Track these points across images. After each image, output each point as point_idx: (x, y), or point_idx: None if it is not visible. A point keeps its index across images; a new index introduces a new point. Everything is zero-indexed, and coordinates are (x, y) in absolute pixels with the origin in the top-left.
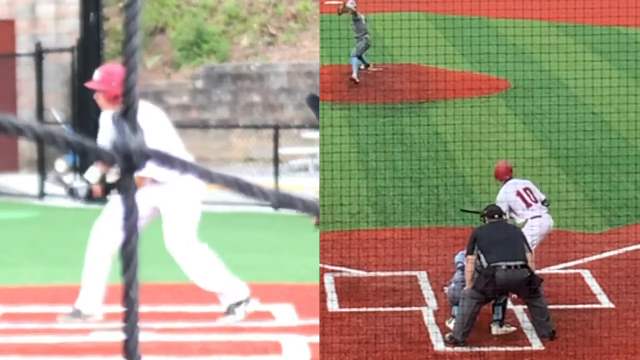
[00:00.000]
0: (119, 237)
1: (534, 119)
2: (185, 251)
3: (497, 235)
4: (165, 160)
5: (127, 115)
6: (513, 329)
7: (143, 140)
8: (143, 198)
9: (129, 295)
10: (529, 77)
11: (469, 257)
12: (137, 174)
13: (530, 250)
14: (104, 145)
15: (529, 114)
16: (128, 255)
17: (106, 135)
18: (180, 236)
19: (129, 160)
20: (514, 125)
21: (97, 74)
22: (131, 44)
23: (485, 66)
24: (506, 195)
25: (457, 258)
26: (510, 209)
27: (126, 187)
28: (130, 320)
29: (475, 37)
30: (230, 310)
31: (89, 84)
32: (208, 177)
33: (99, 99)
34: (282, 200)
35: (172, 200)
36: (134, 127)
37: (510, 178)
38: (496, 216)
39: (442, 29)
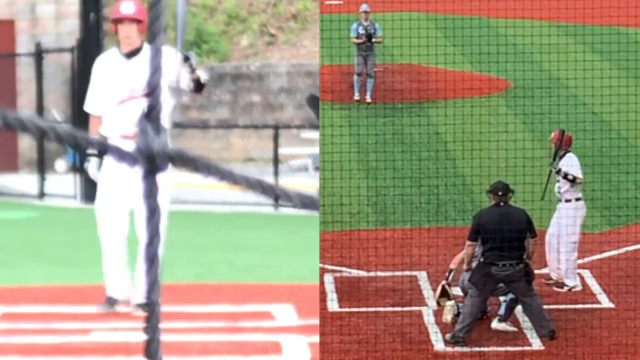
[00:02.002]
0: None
1: (534, 119)
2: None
3: (500, 225)
4: (189, 161)
5: (151, 115)
6: (514, 329)
7: (166, 142)
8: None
9: (150, 297)
10: (529, 77)
11: (470, 242)
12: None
13: (536, 235)
14: (128, 147)
15: (529, 114)
16: (150, 257)
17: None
18: None
19: (152, 161)
20: (514, 125)
21: (128, 7)
22: (155, 44)
23: (485, 66)
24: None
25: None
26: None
27: (149, 188)
28: (152, 321)
29: (475, 37)
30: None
31: (120, 16)
32: (231, 178)
33: (130, 31)
34: (305, 202)
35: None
36: (157, 128)
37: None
38: (500, 193)
39: (442, 29)
